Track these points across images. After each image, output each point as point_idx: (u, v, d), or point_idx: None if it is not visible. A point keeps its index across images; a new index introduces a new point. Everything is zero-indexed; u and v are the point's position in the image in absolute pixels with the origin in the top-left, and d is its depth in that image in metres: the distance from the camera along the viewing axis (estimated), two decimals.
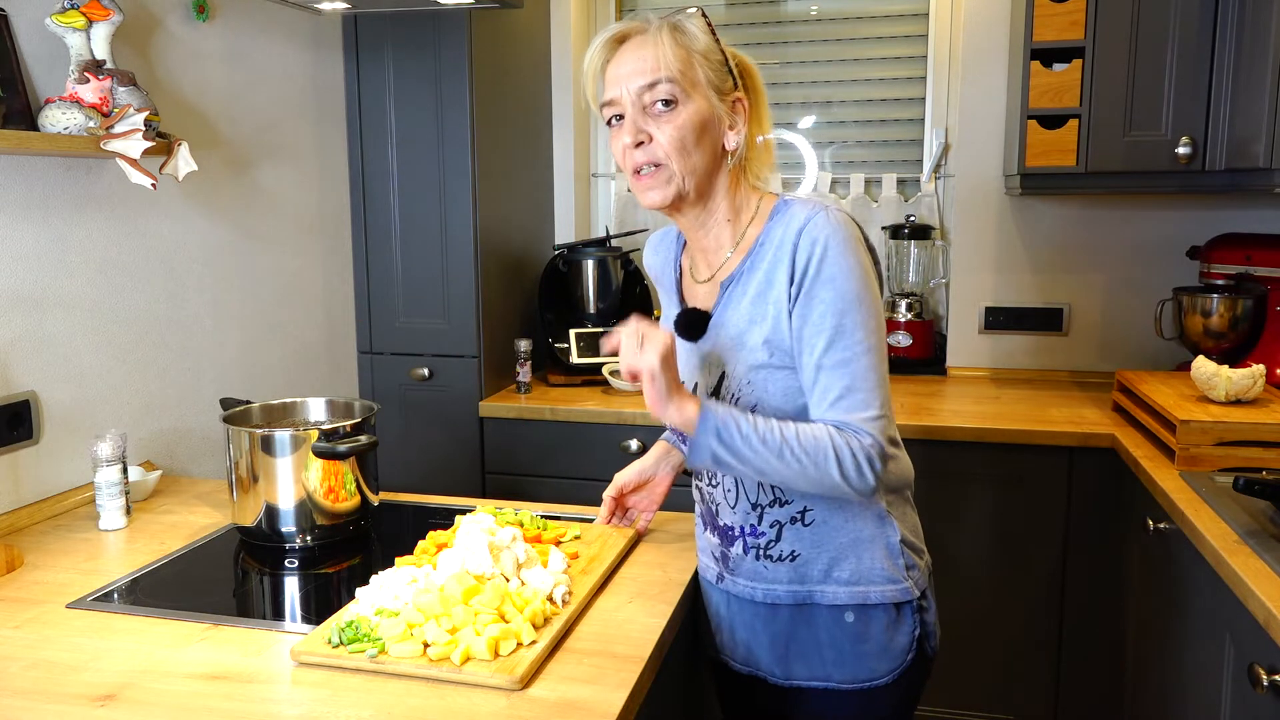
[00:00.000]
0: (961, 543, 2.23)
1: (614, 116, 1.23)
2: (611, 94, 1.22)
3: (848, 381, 1.15)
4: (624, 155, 1.23)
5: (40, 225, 1.68)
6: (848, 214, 1.21)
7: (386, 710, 1.02)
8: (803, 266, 1.17)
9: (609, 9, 3.08)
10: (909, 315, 2.76)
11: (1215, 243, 2.42)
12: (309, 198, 2.43)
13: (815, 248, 1.16)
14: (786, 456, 1.14)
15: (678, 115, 1.19)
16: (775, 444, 1.14)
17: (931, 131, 2.86)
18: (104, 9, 1.67)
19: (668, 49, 1.19)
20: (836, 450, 1.13)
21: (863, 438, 1.15)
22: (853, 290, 1.15)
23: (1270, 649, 1.23)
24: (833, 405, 1.16)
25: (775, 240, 1.21)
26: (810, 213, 1.19)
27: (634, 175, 1.23)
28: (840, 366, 1.15)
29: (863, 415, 1.15)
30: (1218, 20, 2.16)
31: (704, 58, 1.21)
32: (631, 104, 1.20)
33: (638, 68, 1.19)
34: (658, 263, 1.43)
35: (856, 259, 1.16)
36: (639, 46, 1.20)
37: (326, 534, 1.54)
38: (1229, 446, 1.78)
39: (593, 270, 2.73)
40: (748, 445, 1.14)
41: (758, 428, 1.15)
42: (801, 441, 1.14)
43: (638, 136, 1.20)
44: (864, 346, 1.15)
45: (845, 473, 1.14)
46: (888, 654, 1.26)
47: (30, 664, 1.14)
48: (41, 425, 1.69)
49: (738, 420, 1.15)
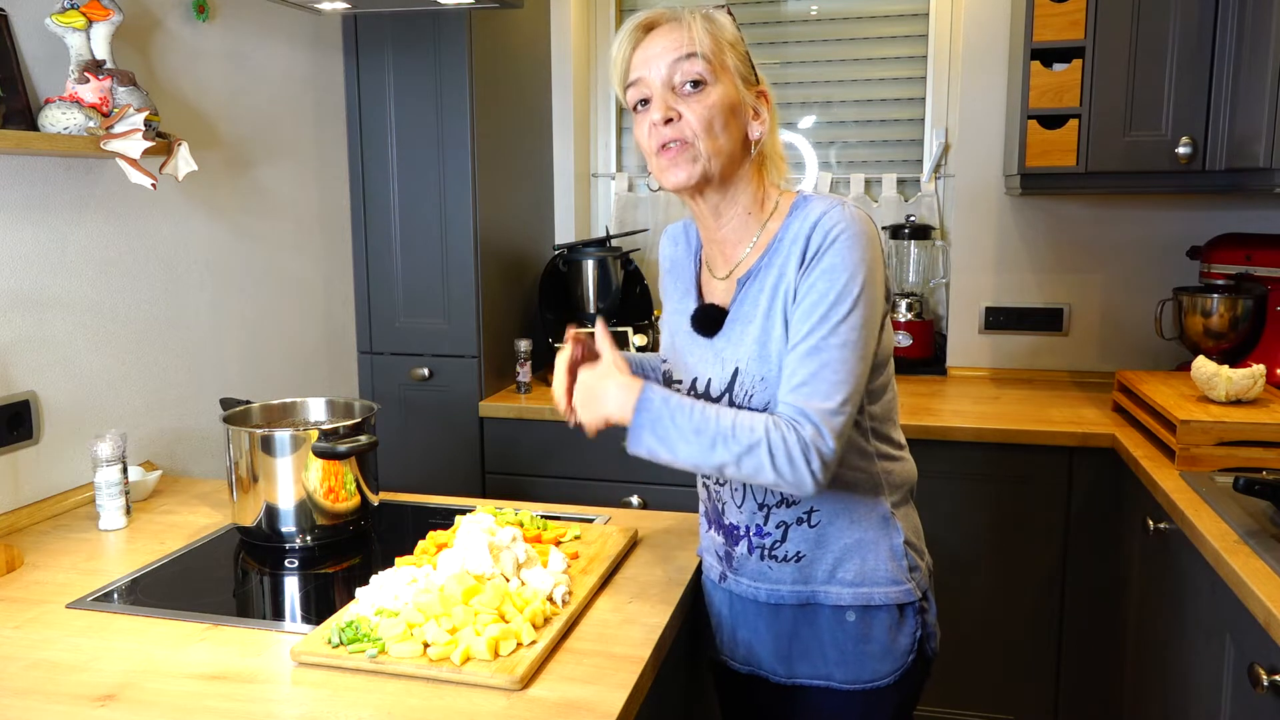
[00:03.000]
0: (961, 543, 2.23)
1: (639, 101, 1.22)
2: (639, 74, 1.21)
3: (814, 369, 1.14)
4: (650, 134, 1.21)
5: (40, 225, 1.68)
6: (866, 213, 1.20)
7: (386, 710, 1.02)
8: (811, 256, 1.17)
9: (609, 9, 3.08)
10: (909, 315, 2.76)
11: (1215, 243, 2.42)
12: (309, 198, 2.43)
13: (825, 239, 1.16)
14: (719, 448, 1.13)
15: (707, 96, 1.19)
16: (708, 436, 1.13)
17: (931, 131, 2.86)
18: (104, 9, 1.67)
19: (700, 31, 1.19)
20: (770, 444, 1.11)
21: (803, 429, 1.12)
22: (847, 284, 1.14)
23: (1270, 649, 1.23)
24: (794, 389, 1.14)
25: (792, 235, 1.20)
26: (827, 207, 1.19)
27: (659, 152, 1.21)
28: (813, 353, 1.14)
29: (821, 404, 1.12)
30: (1218, 20, 2.16)
31: (732, 47, 1.21)
32: (661, 83, 1.19)
33: (668, 45, 1.19)
34: (678, 254, 1.40)
35: (862, 255, 1.15)
36: (669, 31, 1.20)
37: (326, 534, 1.54)
38: (1229, 446, 1.78)
39: (593, 270, 2.73)
40: (682, 435, 1.14)
41: (693, 416, 1.14)
42: (736, 433, 1.13)
43: (667, 113, 1.19)
44: (842, 339, 1.13)
45: (777, 466, 1.11)
46: (890, 655, 1.26)
47: (30, 664, 1.14)
48: (41, 425, 1.69)
49: (674, 410, 1.15)
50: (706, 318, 1.29)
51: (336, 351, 2.57)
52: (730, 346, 1.24)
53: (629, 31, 1.23)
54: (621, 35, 1.23)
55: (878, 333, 1.19)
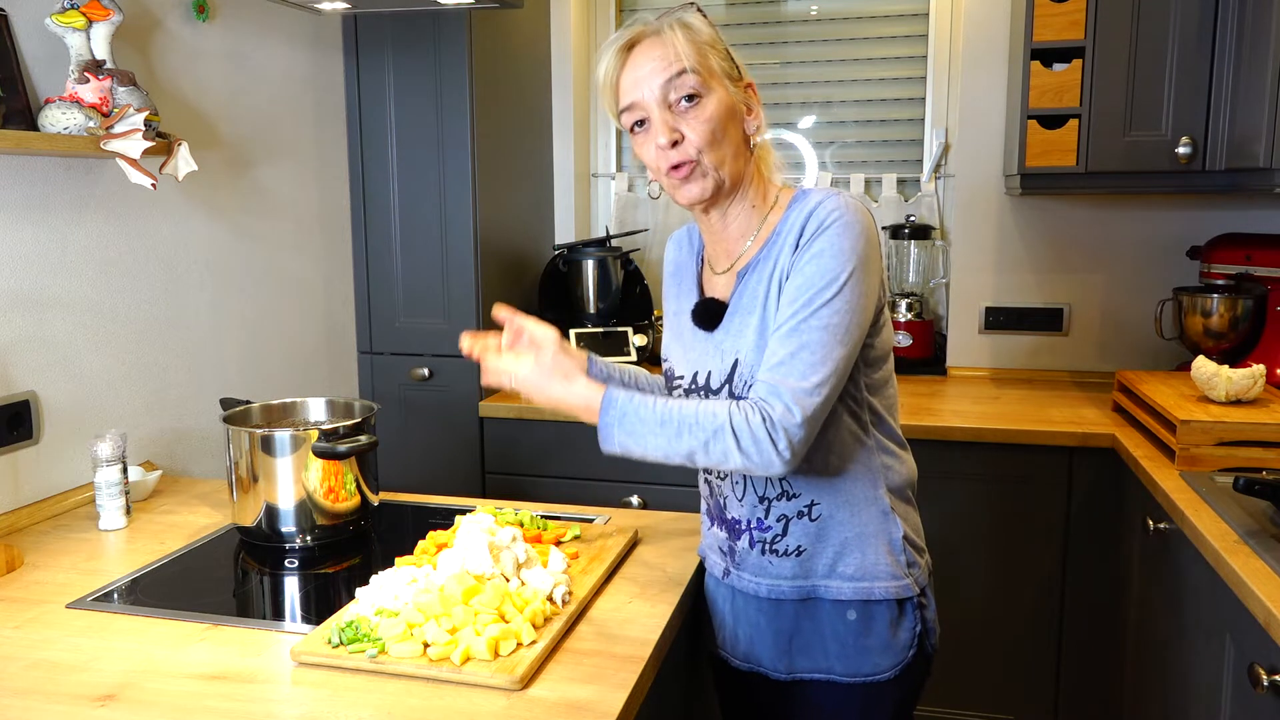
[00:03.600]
0: (961, 543, 2.22)
1: (635, 123, 1.23)
2: (632, 97, 1.21)
3: (793, 349, 1.14)
4: (657, 156, 1.22)
5: (40, 225, 1.68)
6: (862, 203, 1.21)
7: (386, 710, 1.02)
8: (804, 242, 1.18)
9: (609, 9, 3.08)
10: (909, 315, 2.76)
11: (1215, 243, 2.42)
12: (309, 198, 2.43)
13: (819, 225, 1.17)
14: (685, 436, 1.15)
15: (704, 109, 1.19)
16: (673, 426, 1.15)
17: (931, 131, 2.86)
18: (104, 9, 1.67)
19: (682, 43, 1.19)
20: (734, 426, 1.13)
21: (771, 407, 1.13)
22: (836, 269, 1.15)
23: (1270, 649, 1.23)
24: (771, 368, 1.15)
25: (789, 224, 1.21)
26: (824, 196, 1.20)
27: (669, 173, 1.22)
28: (793, 334, 1.15)
29: (795, 383, 1.13)
30: (1218, 20, 2.16)
31: (711, 48, 1.21)
32: (657, 103, 1.20)
33: (656, 66, 1.19)
34: (681, 257, 1.42)
35: (854, 243, 1.16)
36: (651, 47, 1.20)
37: (326, 534, 1.54)
38: (1229, 446, 1.78)
39: (593, 270, 2.73)
40: (647, 429, 1.16)
41: (656, 410, 1.16)
42: (700, 420, 1.14)
43: (672, 135, 1.19)
44: (824, 323, 1.14)
45: (743, 448, 1.13)
46: (890, 649, 1.26)
47: (30, 664, 1.14)
48: (41, 425, 1.69)
49: (638, 406, 1.17)
50: (707, 311, 1.30)
51: (336, 351, 2.57)
52: (730, 339, 1.25)
53: (613, 54, 1.23)
54: (605, 59, 1.23)
55: (869, 322, 1.20)
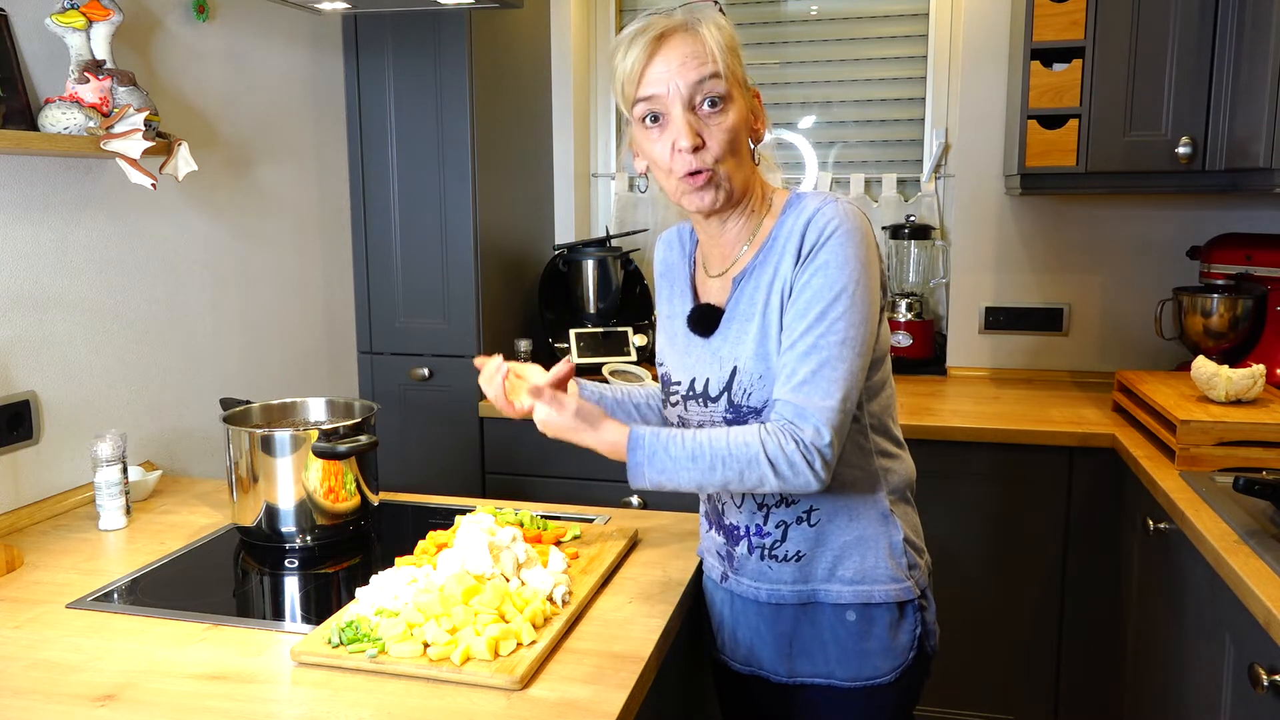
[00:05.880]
0: (962, 543, 2.22)
1: (650, 116, 1.18)
2: (656, 90, 1.16)
3: (814, 367, 1.14)
4: (672, 157, 1.17)
5: (40, 225, 1.68)
6: (859, 208, 1.20)
7: (386, 710, 1.02)
8: (806, 254, 1.17)
9: (609, 9, 3.08)
10: (909, 315, 2.76)
11: (1215, 243, 2.42)
12: (309, 198, 2.43)
13: (819, 236, 1.16)
14: (719, 469, 1.14)
15: (726, 117, 1.17)
16: (705, 460, 1.15)
17: (931, 131, 2.86)
18: (104, 9, 1.67)
19: (716, 43, 1.15)
20: (768, 453, 1.13)
21: (802, 430, 1.13)
22: (843, 281, 1.14)
23: (1270, 649, 1.23)
24: (794, 388, 1.15)
25: (786, 231, 1.20)
26: (820, 203, 1.19)
27: (685, 178, 1.18)
28: (812, 351, 1.14)
29: (821, 402, 1.13)
30: (1218, 20, 2.16)
31: (733, 53, 1.18)
32: (681, 101, 1.15)
33: (690, 63, 1.15)
34: (671, 257, 1.40)
35: (856, 251, 1.15)
36: (684, 43, 1.16)
37: (326, 534, 1.54)
38: (1229, 446, 1.78)
39: (593, 270, 2.73)
40: (678, 465, 1.15)
41: (686, 444, 1.16)
42: (733, 450, 1.14)
43: (695, 140, 1.15)
44: (840, 337, 1.14)
45: (780, 474, 1.13)
46: (890, 652, 1.26)
47: (30, 664, 1.14)
48: (41, 425, 1.69)
49: (666, 443, 1.16)
50: (703, 317, 1.29)
51: (336, 351, 2.57)
52: (728, 345, 1.24)
53: (644, 43, 1.16)
54: (632, 45, 1.17)
55: (875, 328, 1.19)
